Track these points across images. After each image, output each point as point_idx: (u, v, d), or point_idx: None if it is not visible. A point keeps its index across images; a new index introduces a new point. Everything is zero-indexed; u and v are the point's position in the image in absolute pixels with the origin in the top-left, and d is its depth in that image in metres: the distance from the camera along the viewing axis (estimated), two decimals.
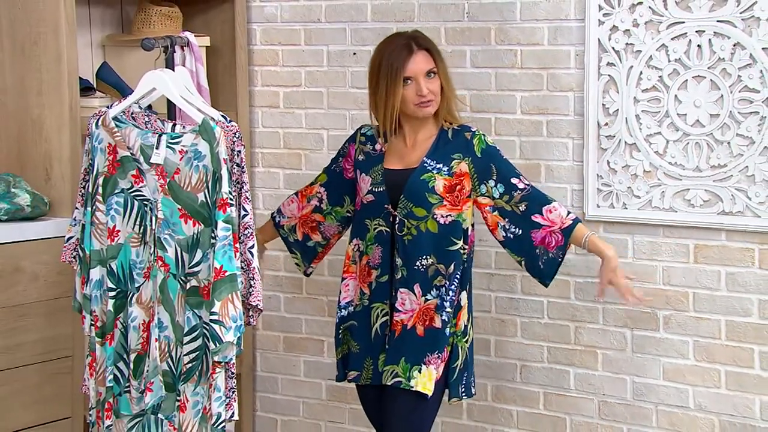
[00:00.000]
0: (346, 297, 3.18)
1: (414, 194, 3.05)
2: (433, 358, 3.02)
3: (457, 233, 3.05)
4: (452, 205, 3.05)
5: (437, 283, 3.04)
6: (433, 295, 3.03)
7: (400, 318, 3.05)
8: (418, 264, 3.05)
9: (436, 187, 3.03)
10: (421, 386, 2.99)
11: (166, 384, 2.96)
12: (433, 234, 3.04)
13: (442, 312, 3.03)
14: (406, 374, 3.00)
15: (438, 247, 3.04)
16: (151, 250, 2.95)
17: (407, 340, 3.03)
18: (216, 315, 2.83)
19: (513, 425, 3.59)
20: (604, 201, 3.39)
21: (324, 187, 3.27)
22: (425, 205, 3.04)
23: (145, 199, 2.97)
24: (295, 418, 3.98)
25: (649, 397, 3.39)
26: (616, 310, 3.41)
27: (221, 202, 2.85)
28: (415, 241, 3.05)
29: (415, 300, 3.04)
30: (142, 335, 2.99)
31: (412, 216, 3.05)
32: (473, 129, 3.11)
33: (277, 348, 4.00)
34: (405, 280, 3.06)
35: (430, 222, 3.04)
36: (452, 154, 3.08)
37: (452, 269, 3.05)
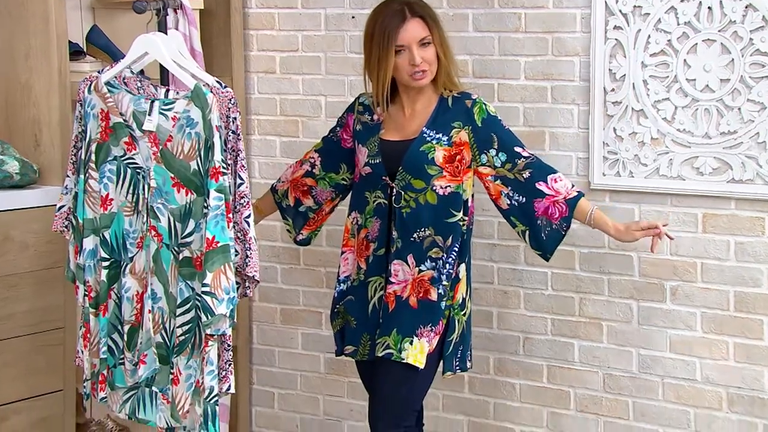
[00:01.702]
0: (345, 271, 3.17)
1: (412, 166, 3.03)
2: (425, 330, 3.01)
3: (456, 205, 3.04)
4: (452, 176, 3.03)
5: (433, 254, 3.03)
6: (428, 267, 3.02)
7: (393, 289, 3.04)
8: (415, 236, 3.04)
9: (435, 158, 3.01)
10: (412, 359, 2.98)
11: (160, 356, 2.97)
12: (433, 206, 3.02)
13: (438, 285, 3.02)
14: (398, 346, 2.99)
15: (437, 219, 3.03)
16: (144, 220, 2.96)
17: (400, 311, 3.02)
18: (208, 287, 2.83)
19: (515, 398, 3.60)
20: (610, 169, 3.38)
21: (319, 153, 3.26)
22: (424, 177, 3.02)
23: (137, 167, 2.96)
24: (293, 391, 3.99)
25: (655, 369, 3.39)
26: (621, 281, 3.42)
27: (213, 170, 2.84)
28: (413, 214, 3.03)
29: (408, 270, 3.03)
30: (136, 306, 2.99)
31: (411, 188, 3.03)
32: (474, 96, 3.09)
33: (274, 320, 4.00)
34: (399, 252, 3.05)
35: (429, 194, 3.03)
36: (452, 123, 3.06)
37: (450, 242, 3.04)
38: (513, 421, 3.61)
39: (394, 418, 3.02)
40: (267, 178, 3.96)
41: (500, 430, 3.63)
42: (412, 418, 3.05)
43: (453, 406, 3.71)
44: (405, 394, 3.02)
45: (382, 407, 3.04)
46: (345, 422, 3.90)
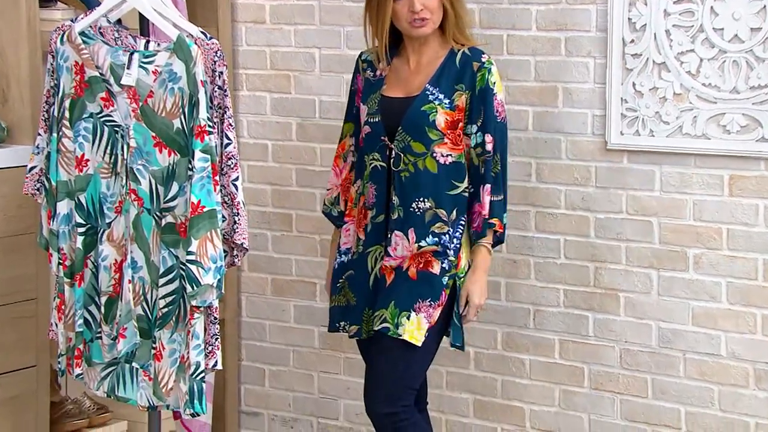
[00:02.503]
0: (346, 242, 3.17)
1: (413, 126, 3.01)
2: (424, 305, 3.01)
3: (459, 176, 3.03)
4: (453, 144, 3.02)
5: (436, 229, 3.02)
6: (429, 242, 3.02)
7: (389, 264, 3.04)
8: (415, 206, 3.03)
9: (437, 121, 3.00)
10: (408, 335, 2.98)
11: (141, 330, 2.97)
12: (433, 174, 3.02)
13: (444, 259, 3.02)
14: (395, 320, 2.99)
15: (437, 191, 3.02)
16: (123, 182, 2.95)
17: (399, 283, 3.02)
18: (193, 255, 2.83)
19: (525, 375, 3.60)
20: (628, 128, 3.37)
21: (354, 136, 3.21)
22: (424, 141, 3.01)
23: (115, 125, 2.95)
24: (285, 368, 3.99)
25: (676, 344, 3.39)
26: (640, 248, 3.40)
27: (198, 129, 2.83)
28: (412, 179, 3.02)
29: (407, 246, 3.03)
30: (114, 276, 2.99)
31: (410, 151, 3.02)
32: (484, 59, 3.03)
33: (264, 291, 4.00)
34: (401, 222, 3.04)
35: (429, 160, 3.01)
36: (456, 84, 3.03)
37: (455, 215, 3.03)
38: (522, 399, 3.61)
39: (389, 396, 3.02)
40: (256, 137, 3.95)
41: (508, 409, 3.63)
42: (409, 397, 3.05)
43: (458, 383, 3.70)
44: (401, 372, 3.02)
45: (376, 385, 3.04)
46: (341, 401, 3.90)
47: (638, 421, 3.45)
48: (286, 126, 3.90)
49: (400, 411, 3.02)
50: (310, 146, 3.87)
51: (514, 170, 3.50)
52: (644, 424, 3.44)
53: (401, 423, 3.03)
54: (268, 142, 3.94)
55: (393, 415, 3.02)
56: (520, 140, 3.52)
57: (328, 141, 3.81)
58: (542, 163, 3.51)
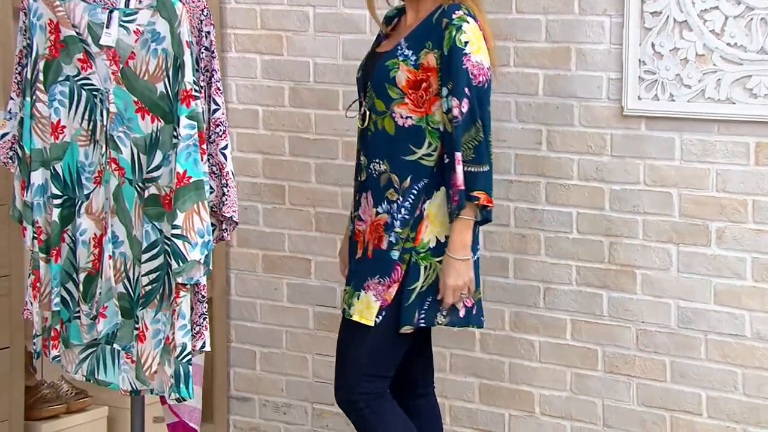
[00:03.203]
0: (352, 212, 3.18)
1: (377, 82, 3.02)
2: (372, 282, 3.00)
3: (418, 140, 3.00)
4: (415, 105, 3.00)
5: (389, 195, 3.02)
6: (383, 210, 3.02)
7: (360, 228, 3.06)
8: (372, 168, 3.04)
9: (397, 78, 2.98)
10: (357, 315, 2.99)
11: (122, 309, 2.97)
12: (389, 136, 3.01)
13: (390, 232, 3.00)
14: (349, 300, 3.03)
15: (392, 154, 3.01)
16: (103, 151, 2.95)
17: (362, 260, 3.04)
18: (179, 229, 2.83)
19: (534, 358, 3.60)
20: (647, 92, 3.36)
21: None
22: (384, 98, 3.00)
23: (94, 88, 2.95)
24: (277, 350, 3.99)
25: (697, 324, 3.39)
26: (659, 222, 3.40)
27: (184, 93, 2.82)
28: (373, 139, 3.03)
29: (369, 210, 3.05)
30: (94, 251, 2.99)
31: (374, 109, 3.03)
32: (455, 16, 2.95)
33: (255, 268, 3.99)
34: (365, 184, 3.07)
35: (387, 120, 3.01)
36: (425, 41, 3.00)
37: (408, 183, 3.00)
38: (531, 383, 3.61)
39: (347, 383, 3.03)
40: (246, 102, 3.94)
41: (516, 393, 3.63)
42: (372, 384, 3.02)
43: (462, 366, 3.70)
44: (355, 357, 3.02)
45: (336, 371, 3.07)
46: None
47: (656, 407, 3.45)
48: (278, 90, 3.89)
49: (358, 399, 3.01)
50: (304, 112, 3.85)
51: (522, 138, 3.50)
52: (662, 409, 3.45)
53: (363, 411, 3.02)
54: (259, 107, 3.92)
55: (351, 404, 3.02)
56: (529, 106, 3.51)
57: (323, 107, 3.81)
58: (553, 130, 3.50)
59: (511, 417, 3.65)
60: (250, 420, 4.05)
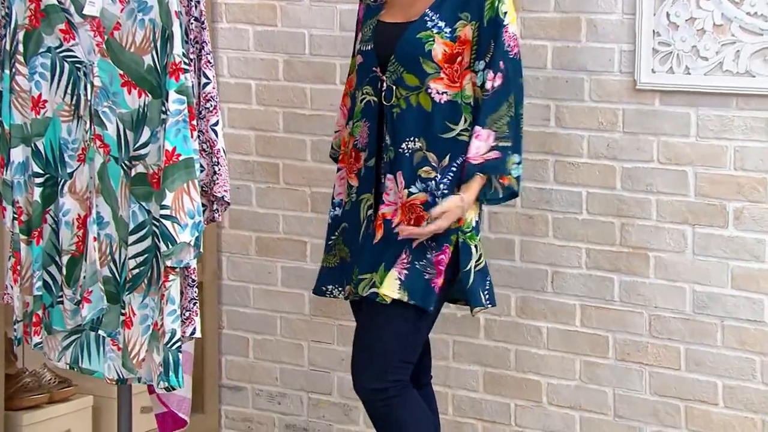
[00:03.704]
0: (339, 192, 3.17)
1: (406, 56, 3.00)
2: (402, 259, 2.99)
3: (455, 117, 3.01)
4: (450, 80, 3.01)
5: (423, 174, 3.01)
6: (418, 189, 3.01)
7: (383, 211, 3.04)
8: (405, 147, 3.03)
9: (434, 51, 2.99)
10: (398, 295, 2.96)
11: (108, 294, 2.97)
12: (426, 113, 3.01)
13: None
14: (380, 283, 2.99)
15: (429, 131, 3.01)
16: (87, 127, 2.94)
17: (389, 242, 3.01)
18: (168, 209, 2.83)
19: (542, 345, 3.60)
20: (661, 65, 3.35)
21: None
22: (418, 73, 3.00)
23: (77, 61, 2.95)
24: (271, 336, 3.99)
25: (713, 309, 3.39)
26: (673, 202, 3.40)
27: (173, 66, 2.82)
28: (403, 116, 3.02)
29: (397, 191, 3.03)
30: (77, 233, 2.99)
31: (403, 84, 3.01)
32: None
33: (247, 251, 3.99)
34: (391, 164, 3.04)
35: (423, 96, 3.01)
36: (460, 12, 3.00)
37: (447, 161, 3.01)
38: (539, 372, 3.61)
39: (377, 370, 3.01)
40: (237, 76, 3.94)
41: (523, 383, 3.63)
42: (401, 371, 3.03)
43: (466, 354, 3.70)
44: (386, 341, 3.01)
45: (363, 357, 3.05)
46: (335, 373, 3.91)
47: (669, 396, 3.46)
48: (272, 63, 3.88)
49: (390, 387, 3.01)
50: (299, 86, 3.84)
51: (530, 114, 3.51)
52: (676, 399, 3.45)
53: (392, 400, 3.02)
54: (252, 81, 3.91)
55: (382, 392, 3.01)
56: (537, 80, 3.51)
57: (319, 80, 3.80)
58: (562, 105, 3.49)
59: (517, 407, 3.65)
60: (243, 410, 4.05)
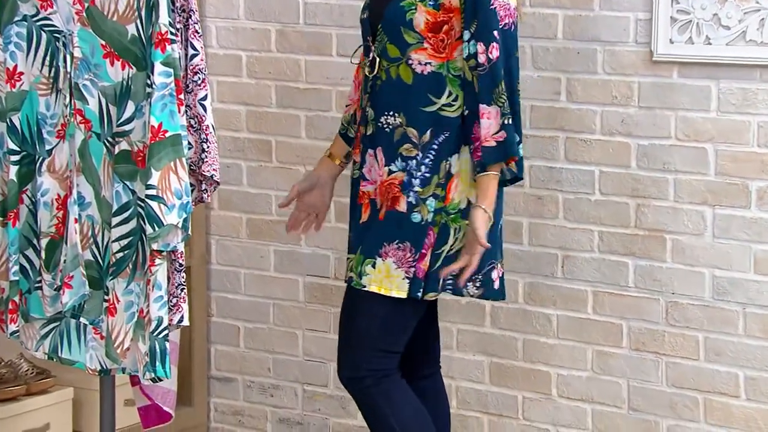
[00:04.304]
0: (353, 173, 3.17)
1: (390, 25, 3.01)
2: (391, 248, 2.99)
3: (438, 89, 3.00)
4: (435, 50, 3.00)
5: (404, 152, 3.01)
6: (398, 167, 3.01)
7: (366, 189, 3.06)
8: (384, 121, 3.03)
9: (415, 21, 2.98)
10: (375, 285, 2.98)
11: (90, 279, 2.98)
12: (406, 85, 3.00)
13: (408, 192, 3.00)
14: (358, 269, 3.01)
15: (410, 105, 3.01)
16: (67, 101, 2.95)
17: (369, 224, 3.03)
18: (154, 189, 2.83)
19: (551, 334, 3.59)
20: (679, 34, 3.35)
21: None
22: (399, 44, 3.00)
23: (55, 30, 2.95)
24: (263, 325, 3.98)
25: (734, 295, 3.38)
26: (692, 181, 3.39)
27: (159, 37, 2.82)
28: (384, 89, 3.03)
29: (377, 169, 3.04)
30: (57, 214, 2.99)
31: (386, 55, 3.02)
32: None
33: (238, 233, 3.99)
34: (372, 139, 3.06)
35: (404, 68, 3.00)
36: None
37: (428, 137, 3.01)
38: (548, 362, 3.61)
39: (353, 358, 3.04)
40: (227, 47, 3.93)
41: (531, 374, 3.63)
42: (380, 360, 3.04)
43: (471, 343, 3.70)
44: (363, 329, 3.02)
45: (341, 345, 3.09)
46: (331, 364, 3.90)
47: (687, 388, 3.45)
48: (264, 33, 3.86)
49: (365, 376, 3.02)
50: (293, 58, 3.83)
51: (539, 87, 3.51)
52: (695, 391, 3.44)
53: (368, 390, 3.03)
54: (242, 53, 3.90)
55: (358, 381, 3.04)
56: (547, 51, 3.50)
57: (314, 52, 3.79)
58: (574, 78, 3.48)
59: (525, 399, 3.64)
60: (233, 403, 4.05)
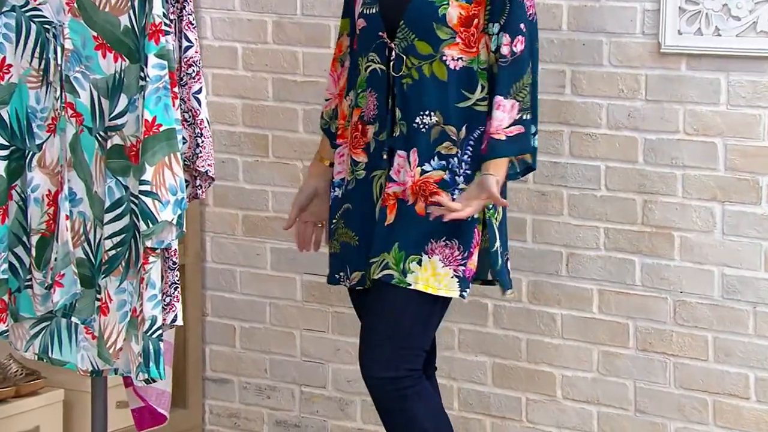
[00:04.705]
0: (340, 172, 3.17)
1: (418, 21, 3.01)
2: (438, 245, 3.01)
3: (471, 85, 3.03)
4: (466, 45, 3.02)
5: (443, 150, 3.03)
6: (435, 166, 3.03)
7: (393, 191, 3.05)
8: (419, 121, 3.04)
9: (448, 15, 3.00)
10: (422, 284, 2.99)
11: (82, 277, 2.98)
12: (441, 83, 3.02)
13: (454, 190, 3.03)
14: (399, 266, 3.00)
15: (445, 103, 3.03)
16: (57, 94, 2.96)
17: (403, 220, 3.03)
18: (148, 185, 2.83)
19: (556, 334, 3.59)
20: (688, 25, 3.35)
21: (351, 36, 3.20)
22: (432, 40, 3.00)
23: (45, 21, 2.96)
24: (260, 324, 3.99)
25: (744, 294, 3.38)
26: (701, 176, 3.39)
27: (152, 28, 2.83)
28: (416, 88, 3.03)
29: (409, 171, 3.03)
30: (48, 211, 3.00)
31: (414, 53, 3.02)
32: None
33: (234, 230, 3.99)
34: (403, 140, 3.06)
35: (437, 65, 3.01)
36: None
37: (465, 133, 3.04)
38: (552, 363, 3.61)
39: (392, 358, 3.03)
40: (222, 39, 3.93)
41: (535, 375, 3.63)
42: (417, 359, 3.06)
43: (473, 344, 3.70)
44: (408, 329, 3.03)
45: (375, 345, 3.05)
46: (329, 365, 3.91)
47: (696, 390, 3.46)
48: (260, 25, 3.87)
49: (405, 376, 3.03)
50: (290, 50, 3.84)
51: (543, 80, 3.50)
52: (704, 392, 3.45)
53: (405, 390, 3.03)
54: (238, 44, 3.91)
55: (395, 381, 3.02)
56: (551, 43, 3.50)
57: (312, 44, 3.79)
58: (579, 71, 3.49)
59: (529, 401, 3.64)
60: (229, 405, 4.05)
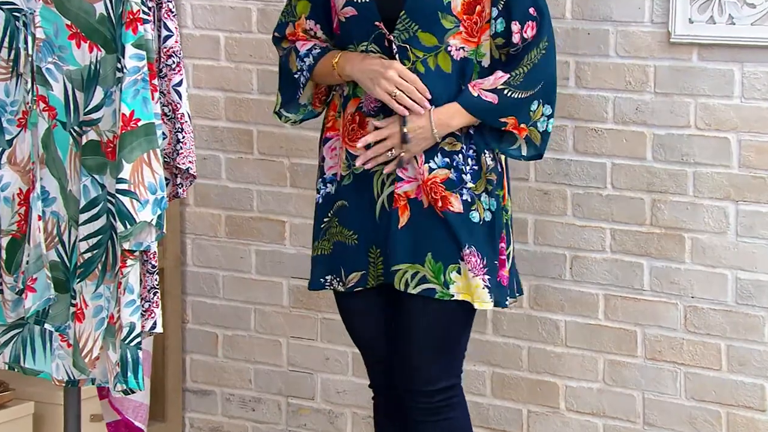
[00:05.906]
0: (331, 166, 3.16)
1: (421, 11, 3.02)
2: (466, 253, 3.02)
3: (466, 76, 3.05)
4: (468, 34, 3.04)
5: (447, 146, 3.05)
6: (439, 164, 3.04)
7: (404, 190, 3.05)
8: None
9: (452, 3, 3.01)
10: (463, 295, 3.01)
11: (56, 281, 2.99)
12: (446, 75, 3.04)
13: (461, 190, 3.04)
14: (440, 278, 3.01)
15: (449, 96, 3.04)
16: (28, 87, 2.97)
17: (426, 225, 3.03)
18: (125, 183, 2.85)
19: (559, 342, 3.61)
20: (700, 14, 3.37)
21: (312, 18, 3.17)
22: (436, 30, 3.02)
23: (15, 8, 2.96)
24: (243, 332, 4.00)
25: (759, 299, 3.40)
26: (713, 174, 3.40)
27: (130, 16, 2.84)
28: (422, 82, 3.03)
29: (416, 166, 3.04)
30: (19, 211, 3.01)
31: (417, 44, 3.03)
32: None
33: (216, 232, 4.01)
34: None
35: (443, 57, 3.03)
36: None
37: (466, 127, 3.06)
38: (555, 372, 3.63)
39: (446, 369, 3.09)
40: (203, 27, 3.93)
41: (537, 385, 3.65)
42: (461, 368, 3.14)
43: (472, 352, 3.66)
44: (457, 338, 3.09)
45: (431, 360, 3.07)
46: (318, 375, 3.92)
47: (708, 401, 3.47)
48: (244, 12, 3.89)
49: (457, 384, 3.11)
50: None
51: None
52: (716, 404, 3.46)
53: (457, 398, 3.10)
54: (220, 34, 3.93)
55: (451, 389, 3.09)
56: (555, 32, 3.44)
57: None
58: (584, 62, 3.51)
59: (531, 413, 3.66)
60: (211, 418, 4.07)
